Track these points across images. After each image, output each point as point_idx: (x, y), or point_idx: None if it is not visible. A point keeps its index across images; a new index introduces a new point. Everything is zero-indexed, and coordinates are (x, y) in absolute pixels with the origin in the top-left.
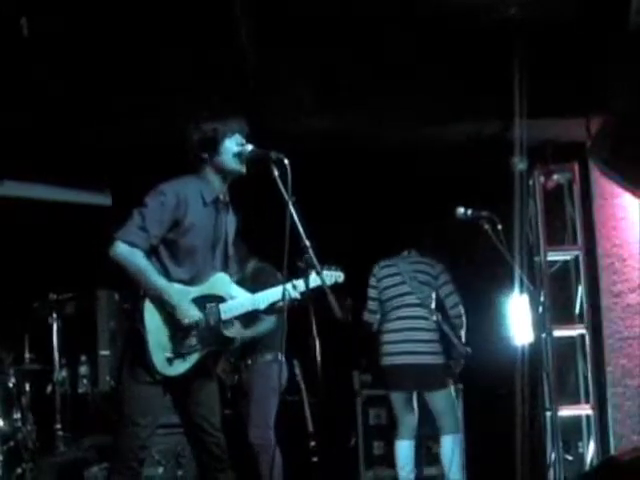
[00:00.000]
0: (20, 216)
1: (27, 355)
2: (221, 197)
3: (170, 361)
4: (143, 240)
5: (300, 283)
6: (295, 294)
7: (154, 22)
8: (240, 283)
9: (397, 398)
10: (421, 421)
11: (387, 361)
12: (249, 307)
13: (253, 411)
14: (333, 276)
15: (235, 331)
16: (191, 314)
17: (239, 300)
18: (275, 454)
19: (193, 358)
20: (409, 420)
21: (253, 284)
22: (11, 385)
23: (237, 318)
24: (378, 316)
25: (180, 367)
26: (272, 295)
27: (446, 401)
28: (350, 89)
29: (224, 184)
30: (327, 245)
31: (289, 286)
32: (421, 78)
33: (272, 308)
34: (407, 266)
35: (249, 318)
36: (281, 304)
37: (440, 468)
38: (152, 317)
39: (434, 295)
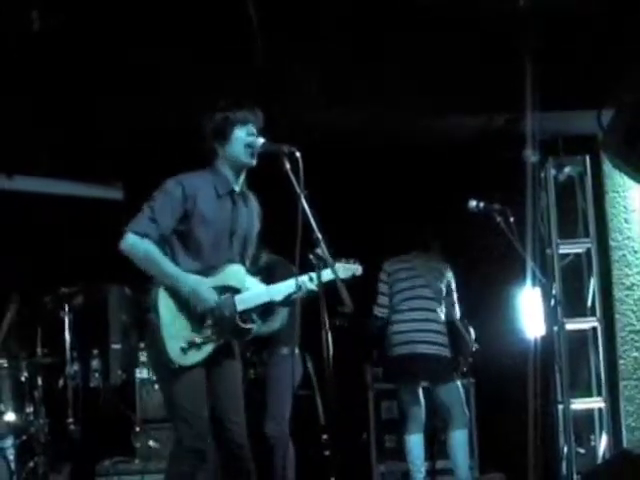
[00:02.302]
0: (31, 211)
1: (39, 349)
2: (236, 189)
3: (184, 351)
4: (153, 230)
5: (316, 275)
6: (312, 286)
7: (166, 17)
8: (253, 275)
9: (405, 391)
10: (433, 414)
11: (396, 352)
12: (265, 299)
13: (270, 404)
14: (350, 269)
15: (256, 326)
16: (207, 299)
17: (254, 292)
18: (289, 447)
19: (208, 348)
20: (417, 414)
21: (269, 277)
22: (23, 379)
23: (256, 313)
24: (387, 311)
25: (195, 357)
26: (288, 287)
27: (454, 394)
28: (359, 83)
29: (238, 176)
30: (336, 240)
31: (305, 278)
32: (431, 71)
33: (288, 300)
34: (421, 262)
35: (266, 313)
36: (297, 296)
37: None
38: (166, 307)
39: (444, 293)
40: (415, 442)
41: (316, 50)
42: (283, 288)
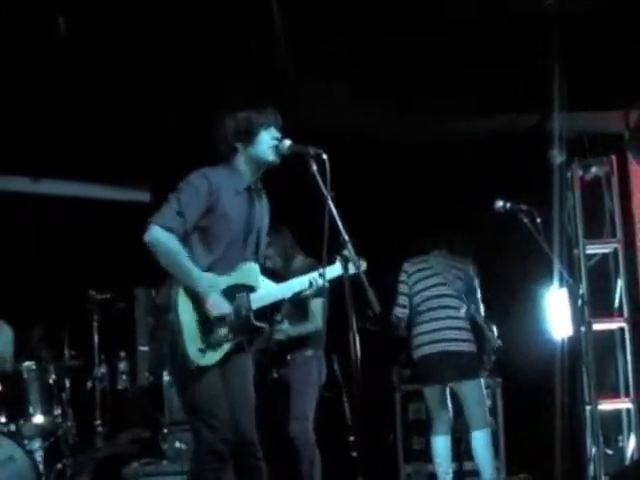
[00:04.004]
0: (58, 214)
1: (67, 352)
2: (252, 186)
3: (202, 352)
4: (179, 225)
5: (328, 271)
6: (322, 282)
7: (191, 18)
8: (288, 278)
9: (431, 393)
10: (459, 415)
11: (419, 352)
12: (278, 296)
13: (293, 406)
14: (354, 266)
15: (284, 328)
16: (219, 307)
17: (268, 290)
18: (315, 449)
19: (224, 348)
20: (444, 415)
21: None
22: (51, 381)
23: (285, 316)
24: (407, 311)
25: (212, 357)
26: (300, 284)
27: (477, 392)
28: (385, 83)
29: (255, 174)
30: (361, 241)
31: (316, 274)
32: (458, 71)
33: (298, 297)
34: (440, 260)
35: (296, 316)
36: (308, 292)
37: None
38: (185, 307)
39: (466, 291)
40: (442, 444)
41: (340, 51)
42: (295, 285)
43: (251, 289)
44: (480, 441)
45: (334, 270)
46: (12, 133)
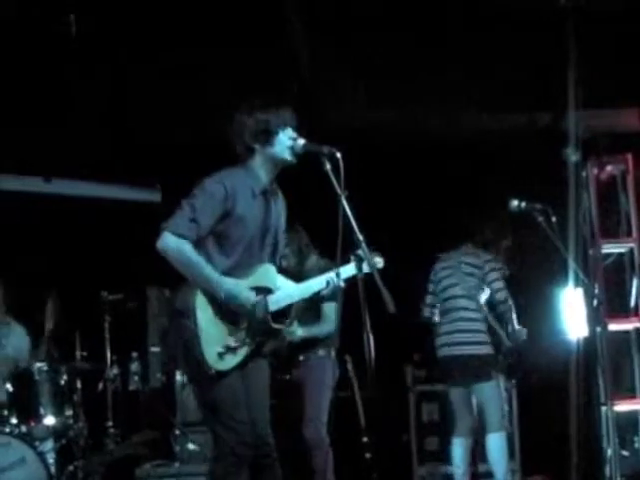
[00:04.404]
0: (69, 214)
1: (78, 353)
2: (269, 187)
3: (221, 356)
4: (193, 232)
5: (343, 271)
6: (339, 282)
7: (207, 19)
8: (301, 278)
9: (454, 393)
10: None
11: (438, 354)
12: (295, 297)
13: (306, 407)
14: (370, 264)
15: (296, 330)
16: (246, 301)
17: (286, 291)
18: (329, 450)
19: (243, 352)
20: (464, 417)
21: None
22: (63, 383)
23: (295, 317)
24: (435, 309)
25: (231, 361)
26: (317, 284)
27: (490, 394)
28: (402, 82)
29: (271, 174)
30: (377, 239)
31: (333, 274)
32: (474, 70)
33: (316, 296)
34: (457, 258)
35: (308, 318)
36: (325, 292)
37: None
38: (203, 312)
39: (483, 285)
40: (460, 446)
41: (360, 49)
42: (313, 285)
43: (269, 291)
44: (494, 444)
45: (349, 270)
46: (24, 133)
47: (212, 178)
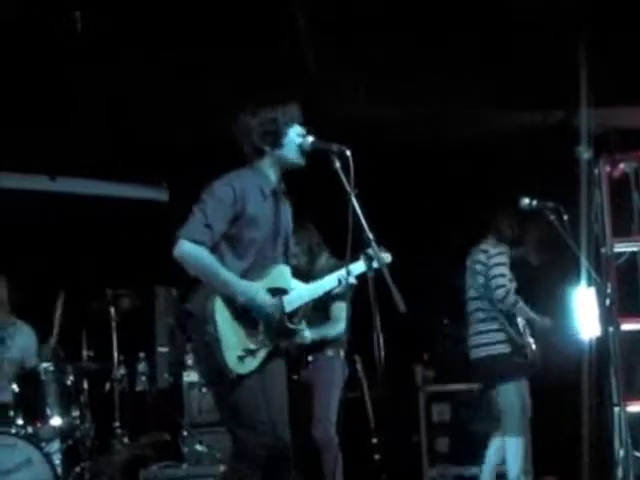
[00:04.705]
0: (75, 213)
1: (85, 353)
2: (278, 188)
3: (242, 359)
4: (208, 237)
5: (353, 268)
6: (351, 280)
7: (213, 18)
8: (311, 277)
9: (485, 395)
10: (482, 417)
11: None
12: (309, 297)
13: (315, 407)
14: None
15: (305, 332)
16: (265, 304)
17: (298, 291)
18: (338, 451)
19: (262, 354)
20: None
21: None
22: (69, 383)
23: (303, 317)
24: None
25: (251, 364)
26: (330, 282)
27: (503, 398)
28: (408, 79)
29: (279, 175)
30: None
31: (343, 272)
32: (484, 66)
33: (328, 295)
34: (473, 256)
35: (317, 319)
36: (337, 290)
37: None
38: (223, 316)
39: (488, 283)
40: (491, 446)
41: (365, 45)
42: (325, 284)
43: (284, 292)
44: (508, 448)
45: (359, 267)
46: (28, 132)
47: (220, 181)
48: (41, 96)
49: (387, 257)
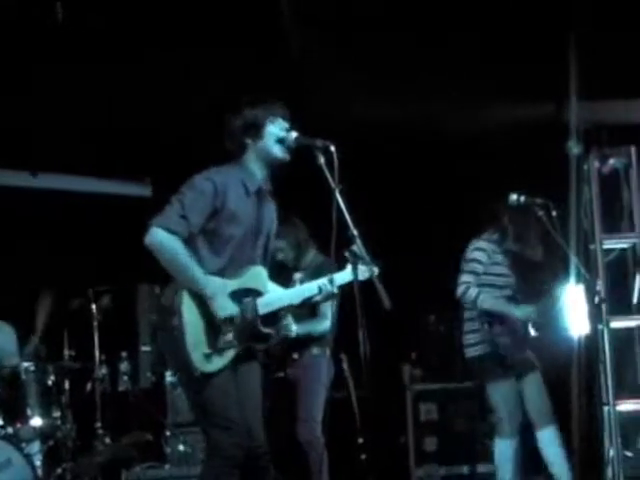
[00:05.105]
0: (58, 209)
1: (66, 352)
2: (264, 187)
3: (208, 357)
4: (183, 228)
5: (338, 277)
6: (331, 288)
7: (200, 15)
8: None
9: None
10: (478, 417)
11: None
12: (285, 302)
13: (300, 407)
14: (367, 270)
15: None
16: (226, 308)
17: (276, 295)
18: (323, 451)
19: (229, 354)
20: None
21: (316, 278)
22: (50, 383)
23: (288, 312)
24: None
25: (217, 363)
26: (309, 290)
27: (491, 399)
28: (399, 75)
29: (266, 172)
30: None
31: (325, 280)
32: (474, 60)
33: (307, 303)
34: (464, 253)
35: (304, 314)
36: (317, 299)
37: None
38: (190, 311)
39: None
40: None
41: (355, 41)
42: (304, 291)
43: (259, 294)
44: (498, 449)
45: (344, 276)
46: (10, 127)
47: (201, 175)
48: (21, 91)
49: (374, 270)
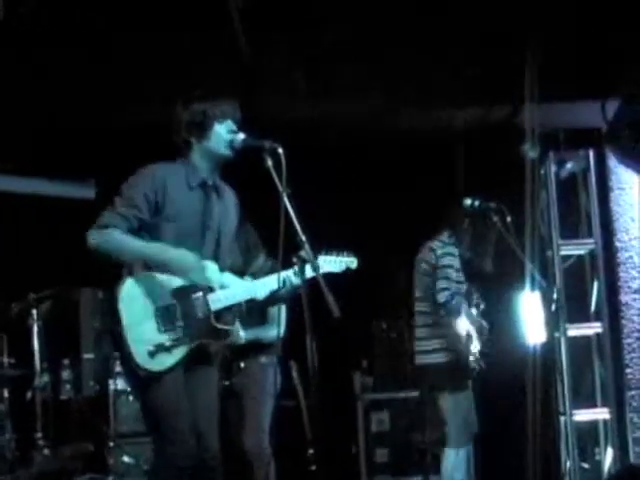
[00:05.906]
0: None
1: (5, 359)
2: (209, 182)
3: (152, 355)
4: (119, 221)
5: (304, 270)
6: (297, 281)
7: (147, 5)
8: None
9: None
10: (424, 428)
11: None
12: (244, 296)
13: (247, 417)
14: (344, 262)
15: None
16: (195, 266)
17: (231, 290)
18: (271, 462)
19: (180, 352)
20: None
21: None
22: None
23: (236, 317)
24: None
25: (165, 362)
26: (272, 283)
27: (444, 407)
28: (347, 74)
29: (213, 168)
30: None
31: (290, 272)
32: (427, 61)
33: (273, 297)
34: (420, 254)
35: (252, 319)
36: (283, 292)
37: None
38: (130, 305)
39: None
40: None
41: (302, 40)
42: (267, 284)
43: (209, 289)
44: (446, 460)
45: (313, 269)
46: None
47: (139, 171)
48: None
49: (352, 261)
